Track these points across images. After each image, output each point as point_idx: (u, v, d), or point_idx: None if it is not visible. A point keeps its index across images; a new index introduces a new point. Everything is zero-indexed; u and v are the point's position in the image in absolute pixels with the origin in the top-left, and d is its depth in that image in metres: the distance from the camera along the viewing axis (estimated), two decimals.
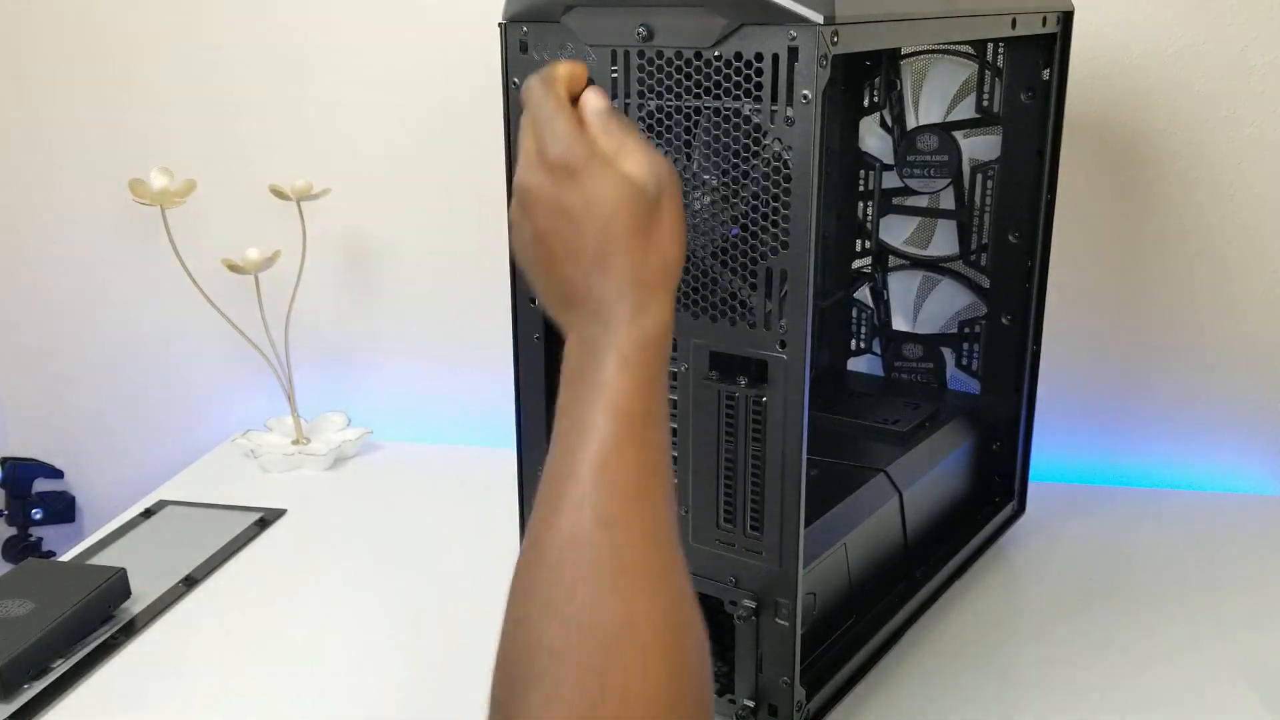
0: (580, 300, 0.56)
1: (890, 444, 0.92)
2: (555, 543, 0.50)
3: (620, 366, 0.53)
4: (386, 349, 1.34)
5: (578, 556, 0.50)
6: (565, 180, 0.56)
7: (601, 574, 0.49)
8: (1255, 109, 1.08)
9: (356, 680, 0.87)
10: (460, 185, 1.25)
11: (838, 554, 0.81)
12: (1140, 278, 1.15)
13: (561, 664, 0.48)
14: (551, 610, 0.49)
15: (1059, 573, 0.99)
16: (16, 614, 0.88)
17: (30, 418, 1.46)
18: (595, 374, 0.53)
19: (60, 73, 1.31)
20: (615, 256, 0.55)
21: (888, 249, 1.06)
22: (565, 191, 0.56)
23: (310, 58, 1.25)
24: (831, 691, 0.79)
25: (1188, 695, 0.82)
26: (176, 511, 1.16)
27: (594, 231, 0.55)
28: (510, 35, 0.72)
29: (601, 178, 0.56)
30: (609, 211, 0.55)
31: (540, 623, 0.49)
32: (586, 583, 0.49)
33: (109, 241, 1.36)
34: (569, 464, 0.52)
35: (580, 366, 0.55)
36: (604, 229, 0.55)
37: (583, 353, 0.55)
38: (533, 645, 0.49)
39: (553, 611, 0.49)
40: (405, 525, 1.12)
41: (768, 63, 0.63)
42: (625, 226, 0.55)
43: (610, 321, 0.54)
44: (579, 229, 0.55)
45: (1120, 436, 1.20)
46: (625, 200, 0.55)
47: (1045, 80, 0.91)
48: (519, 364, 0.79)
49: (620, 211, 0.55)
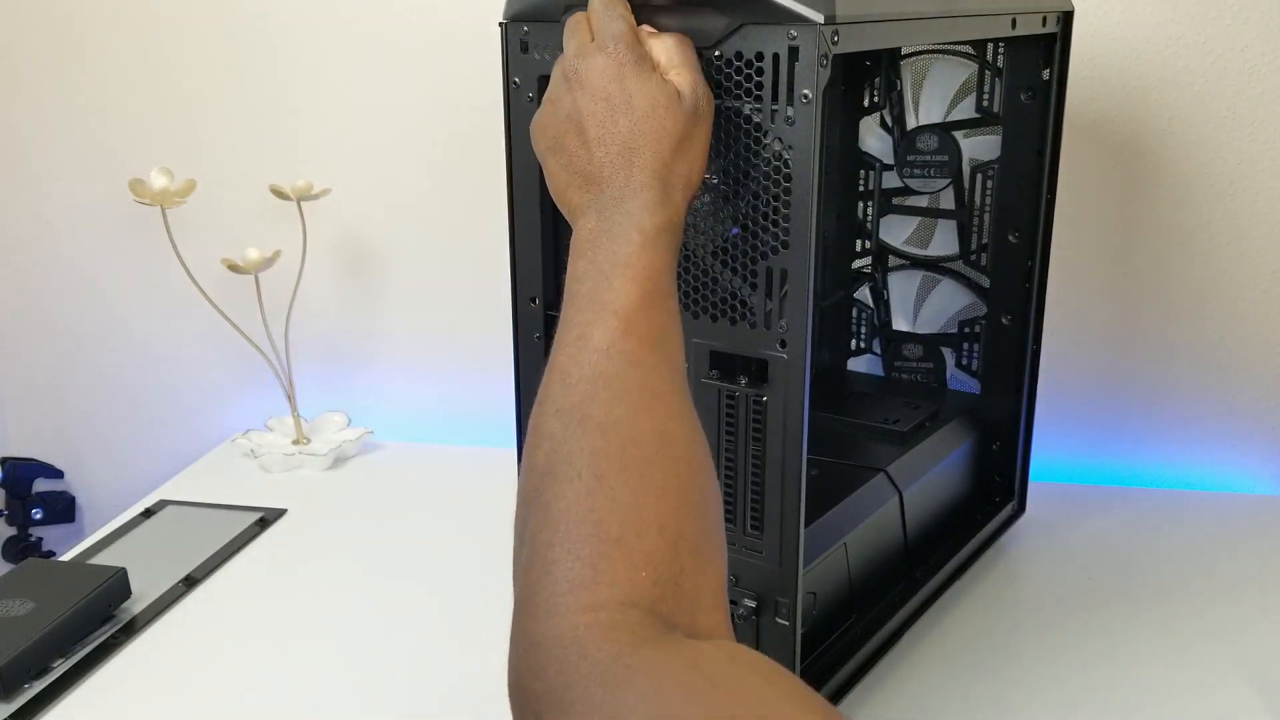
0: (604, 181, 0.59)
1: (890, 444, 0.92)
2: (584, 375, 0.54)
3: (642, 244, 0.57)
4: (386, 349, 1.34)
5: (610, 385, 0.53)
6: (616, 69, 0.60)
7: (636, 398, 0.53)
8: (1255, 109, 1.08)
9: (356, 680, 0.87)
10: (460, 185, 1.25)
11: (838, 554, 0.81)
12: (1140, 278, 1.15)
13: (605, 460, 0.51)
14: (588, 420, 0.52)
15: (1059, 573, 0.99)
16: (16, 614, 0.88)
17: (30, 418, 1.46)
18: (616, 247, 0.57)
19: (60, 72, 1.31)
20: (645, 151, 0.59)
21: (888, 249, 1.06)
22: (614, 79, 0.60)
23: (310, 57, 1.25)
24: (831, 691, 0.79)
25: (1188, 695, 0.82)
26: (176, 511, 1.16)
27: (632, 122, 0.59)
28: (510, 35, 0.72)
29: (651, 79, 0.60)
30: (649, 109, 0.59)
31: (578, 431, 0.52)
32: (623, 402, 0.53)
33: (109, 241, 1.36)
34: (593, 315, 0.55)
35: (597, 241, 0.58)
36: (641, 122, 0.59)
37: (601, 230, 0.58)
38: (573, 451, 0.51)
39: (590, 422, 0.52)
40: (405, 525, 1.12)
41: (768, 62, 0.63)
42: (661, 127, 0.59)
43: (632, 207, 0.58)
44: (618, 116, 0.60)
45: (1120, 436, 1.20)
46: (667, 104, 0.60)
47: (1045, 80, 0.91)
48: (519, 364, 0.79)
49: (660, 112, 0.59)
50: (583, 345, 0.55)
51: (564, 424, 0.52)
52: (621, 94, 0.60)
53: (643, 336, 0.55)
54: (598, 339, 0.54)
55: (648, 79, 0.60)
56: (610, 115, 0.60)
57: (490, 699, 0.84)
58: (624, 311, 0.55)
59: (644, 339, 0.55)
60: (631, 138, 0.59)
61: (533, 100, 0.72)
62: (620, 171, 0.59)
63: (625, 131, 0.59)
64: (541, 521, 0.50)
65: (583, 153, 0.60)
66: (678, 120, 0.60)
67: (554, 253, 0.76)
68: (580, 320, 0.56)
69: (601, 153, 0.60)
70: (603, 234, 0.58)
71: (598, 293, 0.56)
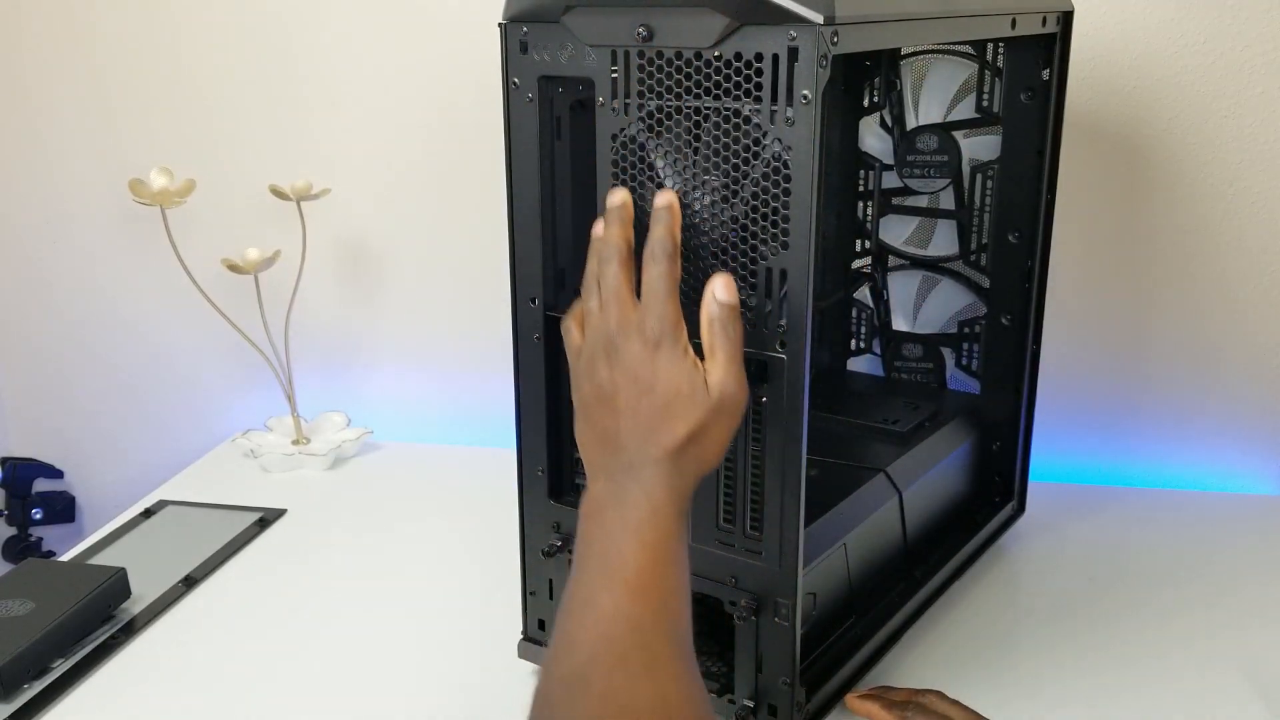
0: (620, 450, 0.63)
1: (890, 444, 0.92)
2: (589, 638, 0.57)
3: (652, 511, 0.60)
4: (386, 349, 1.34)
5: (611, 650, 0.56)
6: (650, 352, 0.63)
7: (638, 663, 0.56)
8: (1255, 109, 1.08)
9: (356, 680, 0.87)
10: (461, 185, 1.25)
11: (837, 554, 0.81)
12: (1140, 277, 1.15)
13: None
14: (588, 688, 0.55)
15: (1059, 573, 0.99)
16: (16, 614, 0.88)
17: (30, 418, 1.46)
18: (625, 513, 0.60)
19: (60, 72, 1.31)
20: (663, 432, 0.62)
21: (888, 249, 1.06)
22: (646, 363, 0.63)
23: (311, 57, 1.25)
24: (831, 691, 0.79)
25: (1188, 695, 0.82)
26: (176, 511, 1.16)
27: (655, 406, 0.62)
28: (510, 35, 0.72)
29: (680, 365, 0.63)
30: (672, 396, 0.62)
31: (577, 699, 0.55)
32: (623, 669, 0.55)
33: (109, 241, 1.36)
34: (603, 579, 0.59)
35: (607, 506, 0.62)
36: (662, 408, 0.62)
37: (613, 494, 0.62)
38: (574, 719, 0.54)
39: (589, 689, 0.55)
40: (405, 525, 1.12)
41: (768, 63, 0.63)
42: (682, 417, 0.62)
43: (644, 476, 0.61)
44: (643, 397, 0.62)
45: (1120, 436, 1.20)
46: (690, 394, 0.62)
47: (1045, 80, 0.91)
48: (519, 364, 0.79)
49: (682, 400, 0.62)
50: (588, 610, 0.58)
51: (567, 690, 0.56)
52: (650, 377, 0.62)
53: (648, 601, 0.58)
54: (603, 604, 0.57)
55: (677, 365, 0.62)
56: (636, 394, 0.63)
57: (490, 698, 0.84)
58: (630, 578, 0.58)
59: (649, 603, 0.58)
60: (652, 419, 0.62)
61: (532, 100, 0.72)
62: (637, 444, 0.62)
63: (647, 412, 0.62)
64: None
65: (609, 420, 0.63)
66: (697, 410, 0.62)
67: (554, 253, 0.76)
68: (587, 583, 0.59)
69: (625, 424, 0.63)
70: (613, 497, 0.62)
71: (606, 558, 0.59)
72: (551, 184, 0.75)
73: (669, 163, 0.68)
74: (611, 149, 0.69)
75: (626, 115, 0.68)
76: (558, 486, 0.80)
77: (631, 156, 0.69)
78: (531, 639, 0.84)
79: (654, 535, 0.59)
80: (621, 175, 0.69)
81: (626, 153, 0.69)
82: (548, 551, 0.80)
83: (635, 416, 0.62)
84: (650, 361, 0.63)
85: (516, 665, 0.85)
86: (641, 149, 0.69)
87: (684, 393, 0.62)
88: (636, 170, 0.69)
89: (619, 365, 0.63)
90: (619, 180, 0.70)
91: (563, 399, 0.79)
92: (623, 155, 0.69)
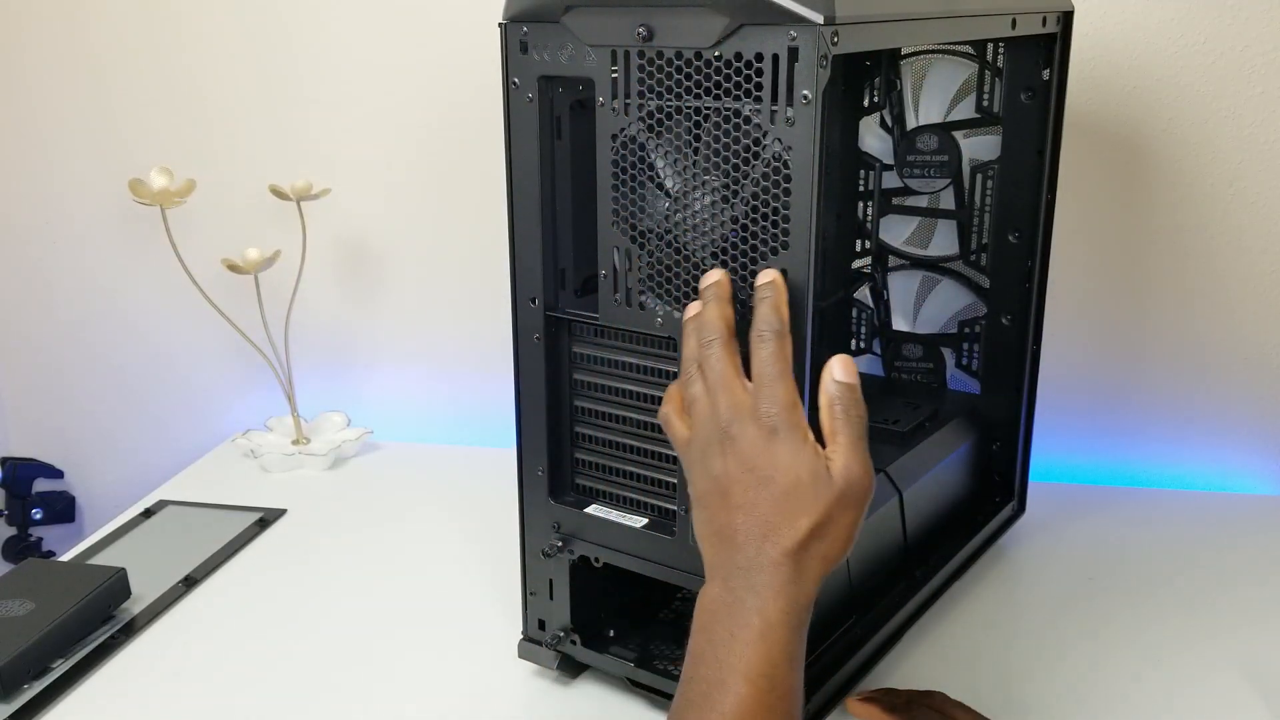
0: (737, 548, 0.58)
1: (890, 444, 0.92)
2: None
3: (762, 633, 0.56)
4: (386, 349, 1.34)
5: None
6: (766, 439, 0.59)
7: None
8: (1255, 109, 1.08)
9: (356, 680, 0.87)
10: (461, 185, 1.25)
11: None
12: (1140, 277, 1.15)
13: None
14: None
15: (1059, 573, 0.99)
16: (16, 614, 0.88)
17: (30, 418, 1.46)
18: (736, 631, 0.57)
19: (60, 72, 1.31)
20: (783, 529, 0.58)
21: (888, 249, 1.06)
22: (763, 451, 0.59)
23: (311, 57, 1.25)
24: (832, 691, 0.79)
25: (1188, 695, 0.82)
26: (176, 511, 1.16)
27: (774, 498, 0.58)
28: (510, 35, 0.72)
29: (801, 453, 0.58)
30: (792, 486, 0.58)
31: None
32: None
33: (109, 242, 1.36)
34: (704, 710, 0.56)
35: (718, 616, 0.58)
36: (781, 501, 0.58)
37: (726, 605, 0.58)
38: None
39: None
40: (405, 525, 1.12)
41: (768, 63, 0.63)
42: (804, 510, 0.58)
43: (759, 583, 0.57)
44: (760, 489, 0.58)
45: (1120, 436, 1.20)
46: (811, 483, 0.58)
47: (1045, 80, 0.91)
48: (519, 364, 0.79)
49: (803, 491, 0.58)
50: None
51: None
52: (767, 466, 0.58)
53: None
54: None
55: (796, 453, 0.58)
56: (754, 486, 0.59)
57: (490, 699, 0.84)
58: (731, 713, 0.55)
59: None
60: (770, 514, 0.58)
61: (532, 100, 0.72)
62: (754, 543, 0.58)
63: (765, 507, 0.58)
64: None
65: (724, 515, 0.60)
66: (820, 502, 0.58)
67: (554, 253, 0.76)
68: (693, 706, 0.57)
69: (741, 519, 0.59)
70: (725, 608, 0.58)
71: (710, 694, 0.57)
72: (551, 184, 0.75)
73: (669, 163, 0.68)
74: (611, 149, 0.69)
75: (626, 115, 0.68)
76: (558, 486, 0.80)
77: (631, 156, 0.69)
78: (531, 639, 0.84)
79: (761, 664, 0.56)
80: (622, 175, 0.69)
81: (626, 153, 0.69)
82: (548, 552, 0.80)
83: (753, 511, 0.58)
84: (767, 450, 0.59)
85: (516, 665, 0.85)
86: (641, 149, 0.69)
87: (805, 482, 0.58)
88: (636, 170, 0.69)
89: (733, 455, 0.59)
90: (619, 180, 0.70)
91: (563, 399, 0.79)
92: (623, 155, 0.69)
